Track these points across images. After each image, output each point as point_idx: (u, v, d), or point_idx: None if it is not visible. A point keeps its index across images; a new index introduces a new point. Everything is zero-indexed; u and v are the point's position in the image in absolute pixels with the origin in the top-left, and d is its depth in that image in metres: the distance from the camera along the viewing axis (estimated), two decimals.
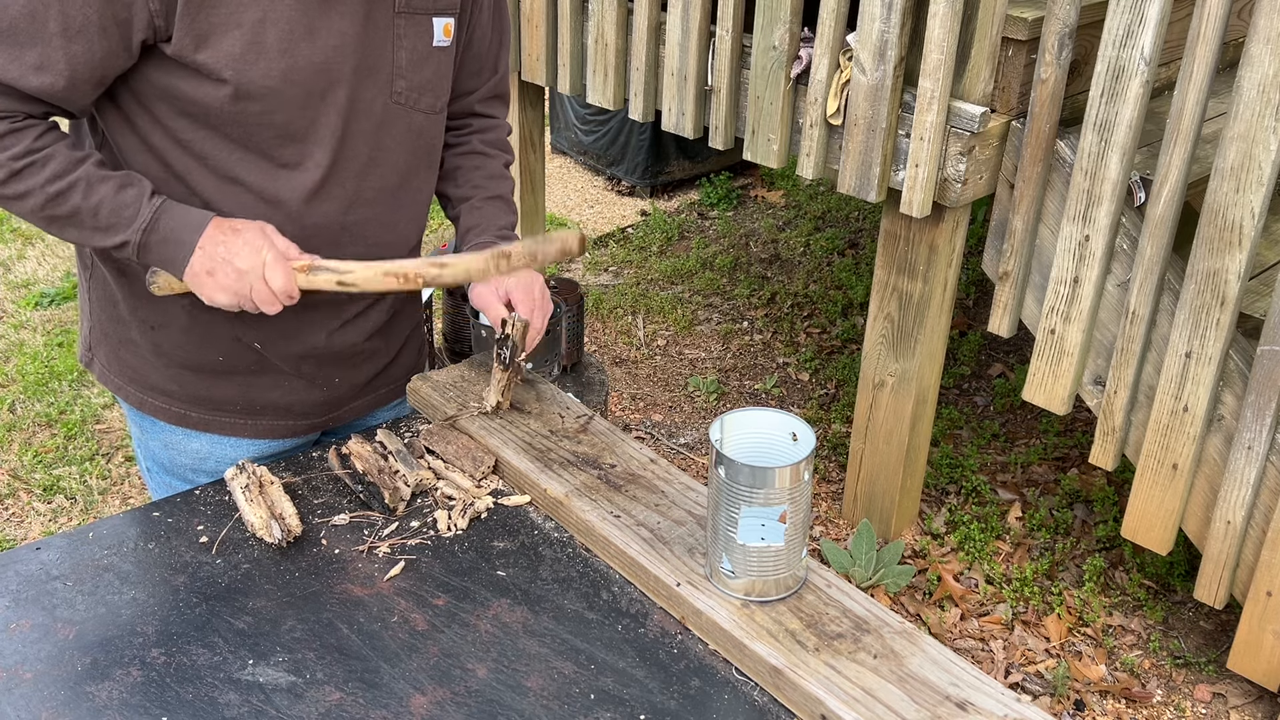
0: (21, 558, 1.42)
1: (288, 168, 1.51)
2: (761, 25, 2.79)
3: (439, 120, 1.66)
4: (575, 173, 5.40)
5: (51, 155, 1.41)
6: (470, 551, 1.46)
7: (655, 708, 1.24)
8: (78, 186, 1.41)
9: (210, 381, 1.65)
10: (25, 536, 3.09)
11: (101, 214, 1.42)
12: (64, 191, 1.41)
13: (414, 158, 1.64)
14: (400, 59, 1.54)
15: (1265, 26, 2.15)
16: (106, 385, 1.70)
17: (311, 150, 1.51)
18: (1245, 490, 2.44)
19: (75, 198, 1.41)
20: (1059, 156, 2.57)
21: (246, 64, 1.41)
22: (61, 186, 1.41)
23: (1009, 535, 3.19)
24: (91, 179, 1.42)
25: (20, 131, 1.39)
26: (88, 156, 1.44)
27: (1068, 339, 2.64)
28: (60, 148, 1.42)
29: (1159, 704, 2.69)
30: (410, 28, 1.54)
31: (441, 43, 1.59)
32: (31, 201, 1.41)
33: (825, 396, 3.80)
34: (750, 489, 1.28)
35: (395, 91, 1.55)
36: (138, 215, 1.43)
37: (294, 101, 1.46)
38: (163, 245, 1.45)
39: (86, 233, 1.44)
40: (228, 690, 1.24)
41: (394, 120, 1.57)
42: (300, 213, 1.54)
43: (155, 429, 1.69)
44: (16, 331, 4.03)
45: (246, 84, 1.42)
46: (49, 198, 1.41)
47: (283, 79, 1.44)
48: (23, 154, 1.39)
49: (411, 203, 1.67)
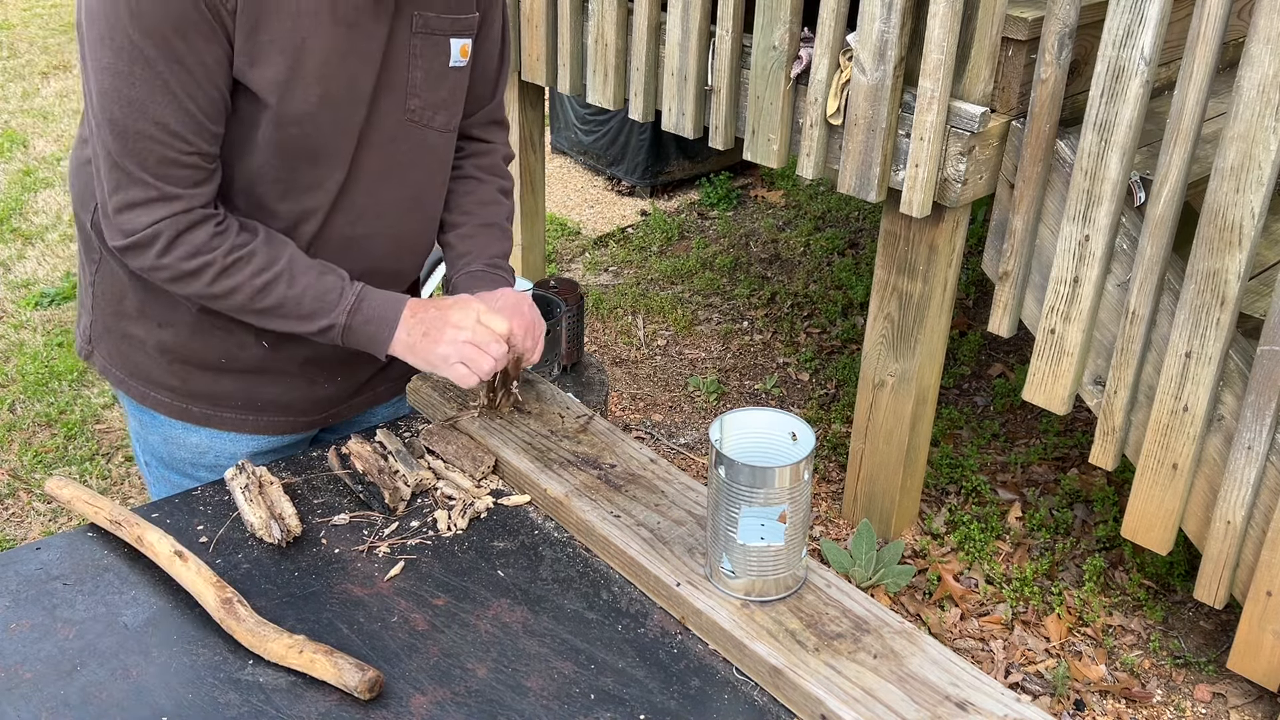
0: (21, 558, 1.42)
1: (310, 189, 1.52)
2: (761, 25, 2.79)
3: (451, 139, 1.67)
4: (575, 173, 5.40)
5: (255, 250, 1.46)
6: (470, 551, 1.46)
7: (655, 708, 1.24)
8: (282, 278, 1.47)
9: (213, 378, 1.66)
10: (25, 536, 3.09)
11: (305, 302, 1.48)
12: (270, 283, 1.46)
13: (426, 174, 1.65)
14: (416, 77, 1.55)
15: (1265, 26, 2.15)
16: (107, 378, 1.71)
17: (331, 170, 1.52)
18: (1245, 490, 2.44)
19: (280, 288, 1.47)
20: (1059, 156, 2.57)
21: (289, 89, 1.42)
22: (268, 279, 1.46)
23: (1009, 535, 3.19)
24: (295, 269, 1.48)
25: (225, 230, 1.45)
26: (286, 245, 1.49)
27: (1068, 339, 2.64)
28: (259, 242, 1.47)
29: (1159, 704, 2.69)
30: (427, 48, 1.55)
31: (458, 63, 1.60)
32: (239, 298, 1.47)
33: (825, 396, 3.80)
34: (750, 489, 1.28)
35: (409, 109, 1.56)
36: (341, 298, 1.49)
37: (327, 125, 1.47)
38: (366, 325, 1.51)
39: (291, 321, 1.50)
40: (228, 690, 1.24)
41: (407, 137, 1.58)
42: (315, 231, 1.56)
43: (155, 423, 1.70)
44: (16, 331, 4.03)
45: (286, 109, 1.43)
46: (255, 291, 1.46)
47: (320, 103, 1.45)
48: (230, 249, 1.45)
49: (422, 218, 1.68)
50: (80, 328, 1.73)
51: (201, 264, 1.45)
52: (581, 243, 4.78)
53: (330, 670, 1.23)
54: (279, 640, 1.26)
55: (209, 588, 1.32)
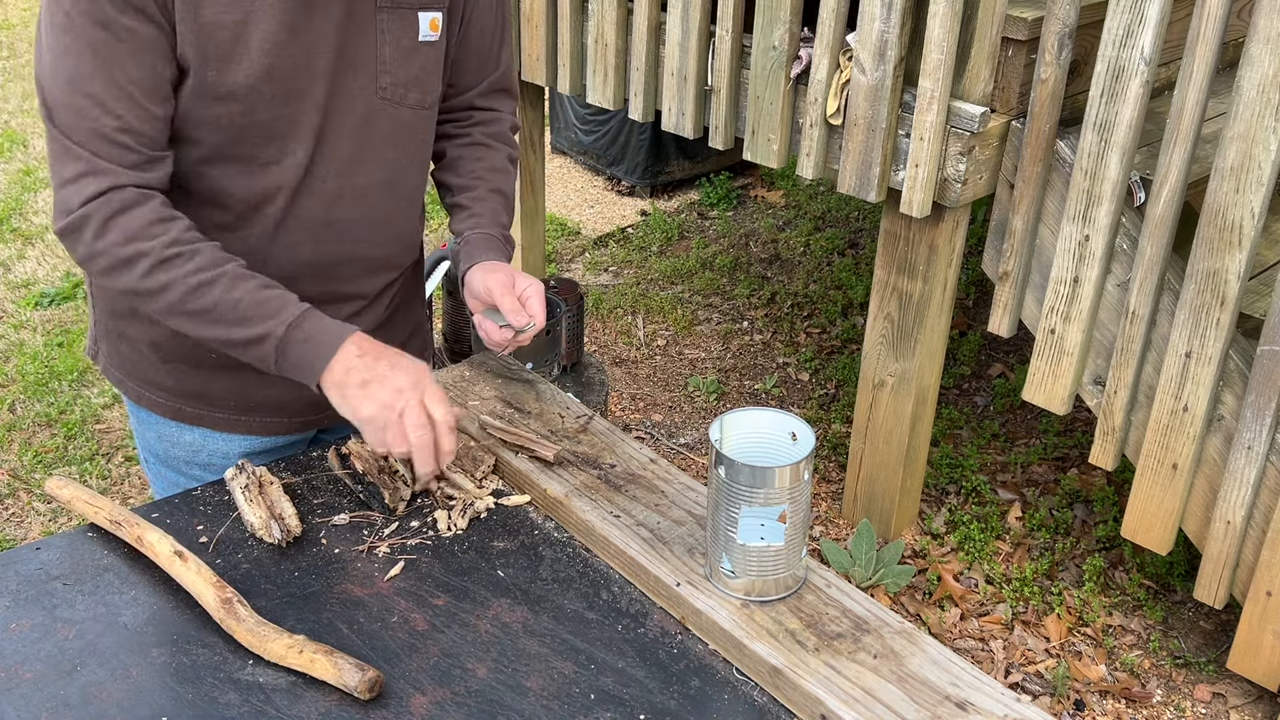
0: (21, 558, 1.42)
1: (267, 166, 1.50)
2: (761, 25, 2.79)
3: (429, 116, 1.65)
4: (575, 173, 5.40)
5: (200, 250, 1.41)
6: (470, 551, 1.46)
7: (655, 708, 1.24)
8: (220, 281, 1.41)
9: (206, 377, 1.65)
10: (25, 536, 3.09)
11: (242, 306, 1.41)
12: (207, 284, 1.40)
13: (403, 154, 1.62)
14: (384, 54, 1.53)
15: (1265, 26, 2.15)
16: (108, 378, 1.72)
17: (292, 147, 1.50)
18: (1245, 490, 2.44)
19: (217, 291, 1.40)
20: (1059, 156, 2.57)
21: (229, 65, 1.41)
22: (205, 279, 1.40)
23: (1009, 535, 3.20)
24: (236, 275, 1.42)
25: (169, 221, 1.40)
26: (232, 258, 1.44)
27: (1068, 339, 2.64)
28: (206, 245, 1.42)
29: (1159, 704, 2.69)
30: (393, 22, 1.53)
31: (428, 37, 1.57)
32: (172, 295, 1.40)
33: (825, 396, 3.80)
34: (750, 489, 1.28)
35: (380, 87, 1.54)
36: (283, 309, 1.42)
37: (275, 100, 1.45)
38: (304, 344, 1.42)
39: (222, 327, 1.42)
40: (228, 690, 1.24)
41: (380, 116, 1.56)
42: (282, 211, 1.53)
43: (151, 421, 1.71)
44: (16, 331, 4.03)
45: (229, 84, 1.41)
46: (190, 289, 1.40)
47: (263, 78, 1.43)
48: (172, 243, 1.40)
49: (403, 199, 1.66)
50: (90, 328, 1.74)
51: (136, 252, 1.39)
52: (581, 243, 4.78)
53: (330, 670, 1.23)
54: (279, 640, 1.26)
55: (209, 588, 1.31)
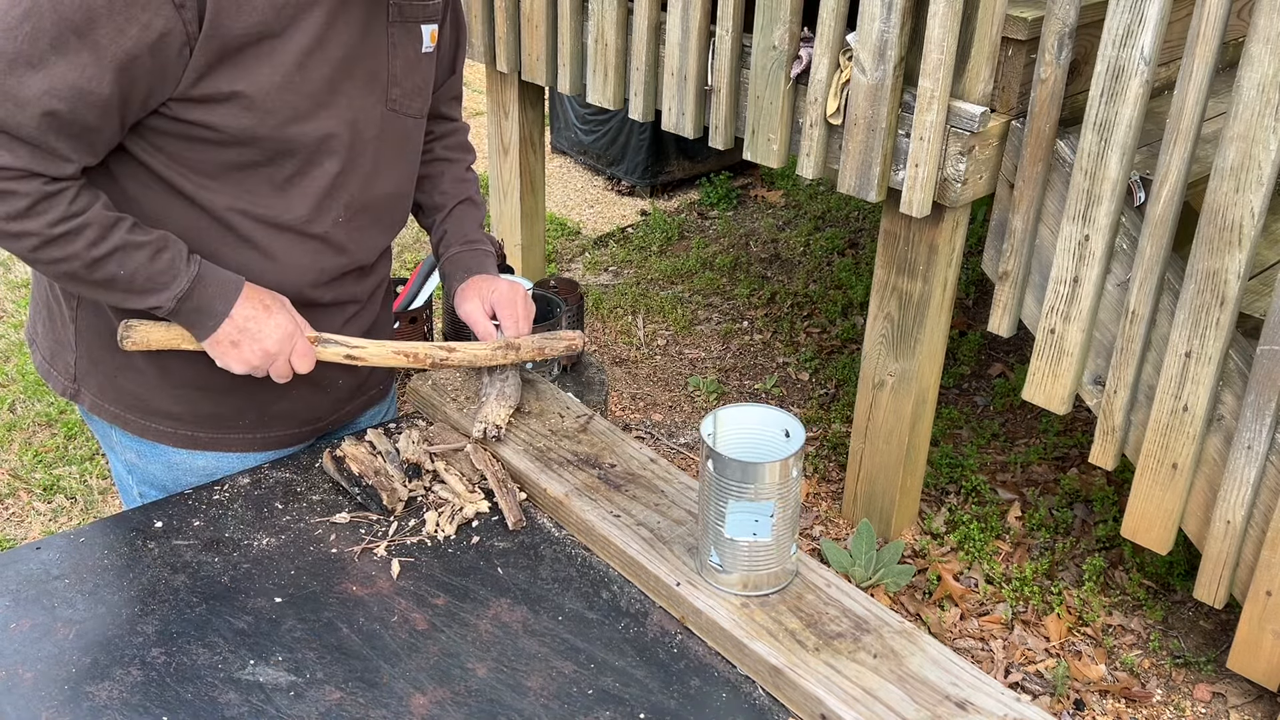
0: (21, 558, 1.42)
1: (294, 179, 1.49)
2: (761, 25, 2.79)
3: (422, 125, 1.67)
4: (575, 173, 5.40)
5: (88, 221, 1.40)
6: (470, 551, 1.46)
7: (655, 707, 1.24)
8: (115, 255, 1.41)
9: (218, 398, 1.62)
10: (25, 536, 3.09)
11: (138, 280, 1.43)
12: (101, 259, 1.40)
13: (409, 163, 1.65)
14: (395, 67, 1.55)
15: (1265, 26, 2.15)
16: (99, 416, 1.64)
17: (321, 160, 1.50)
18: (1245, 490, 2.44)
19: (112, 266, 1.41)
20: (1059, 156, 2.57)
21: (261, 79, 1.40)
22: (99, 254, 1.40)
23: (1009, 535, 3.20)
24: (128, 245, 1.42)
25: (57, 195, 1.37)
26: (121, 219, 1.42)
27: (1068, 339, 2.64)
28: (96, 210, 1.40)
29: (1159, 704, 2.69)
30: (403, 35, 1.55)
31: (428, 49, 1.60)
32: (66, 267, 1.41)
33: (825, 396, 3.80)
34: (739, 484, 1.28)
35: (390, 99, 1.56)
36: (174, 281, 1.44)
37: (303, 115, 1.45)
38: (194, 313, 1.47)
39: (118, 295, 1.45)
40: (228, 690, 1.24)
41: (390, 127, 1.58)
42: (305, 225, 1.53)
43: (156, 452, 1.65)
44: (17, 331, 4.03)
45: (261, 99, 1.40)
46: (85, 264, 1.40)
47: (295, 93, 1.43)
48: (59, 219, 1.38)
49: (398, 208, 1.68)
50: (59, 368, 1.65)
51: (21, 230, 1.36)
52: (581, 243, 4.78)
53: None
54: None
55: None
